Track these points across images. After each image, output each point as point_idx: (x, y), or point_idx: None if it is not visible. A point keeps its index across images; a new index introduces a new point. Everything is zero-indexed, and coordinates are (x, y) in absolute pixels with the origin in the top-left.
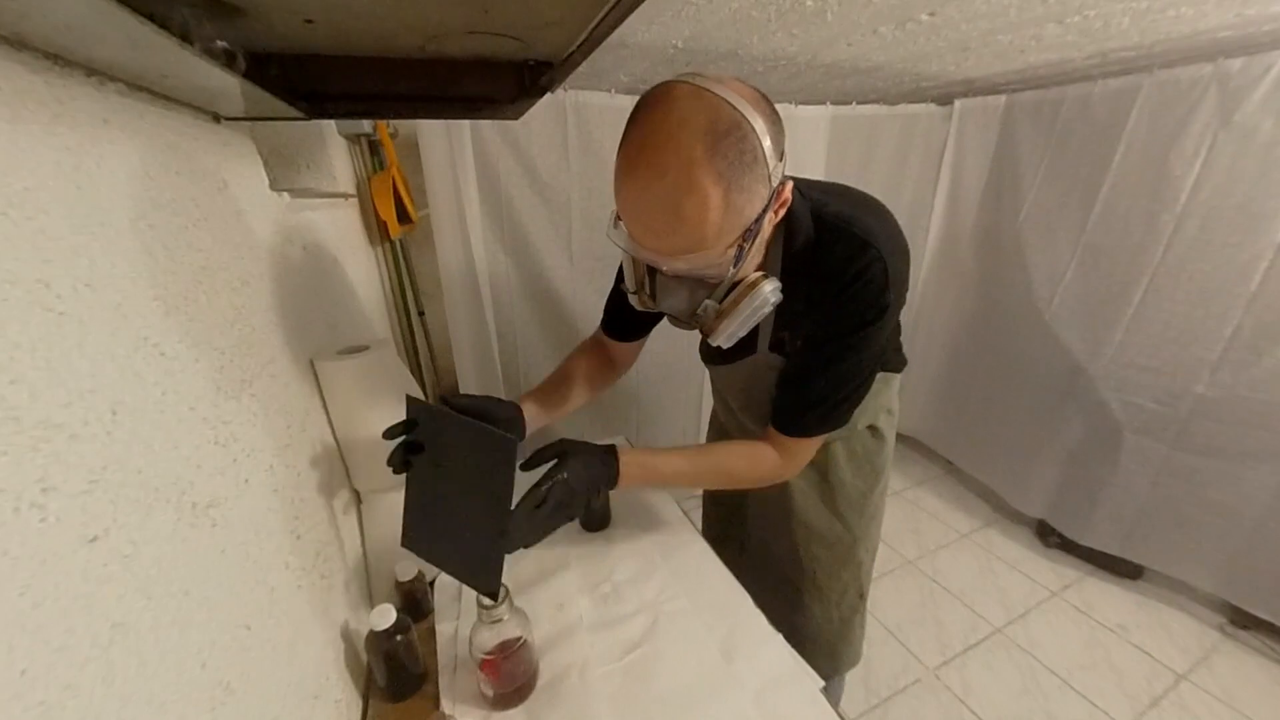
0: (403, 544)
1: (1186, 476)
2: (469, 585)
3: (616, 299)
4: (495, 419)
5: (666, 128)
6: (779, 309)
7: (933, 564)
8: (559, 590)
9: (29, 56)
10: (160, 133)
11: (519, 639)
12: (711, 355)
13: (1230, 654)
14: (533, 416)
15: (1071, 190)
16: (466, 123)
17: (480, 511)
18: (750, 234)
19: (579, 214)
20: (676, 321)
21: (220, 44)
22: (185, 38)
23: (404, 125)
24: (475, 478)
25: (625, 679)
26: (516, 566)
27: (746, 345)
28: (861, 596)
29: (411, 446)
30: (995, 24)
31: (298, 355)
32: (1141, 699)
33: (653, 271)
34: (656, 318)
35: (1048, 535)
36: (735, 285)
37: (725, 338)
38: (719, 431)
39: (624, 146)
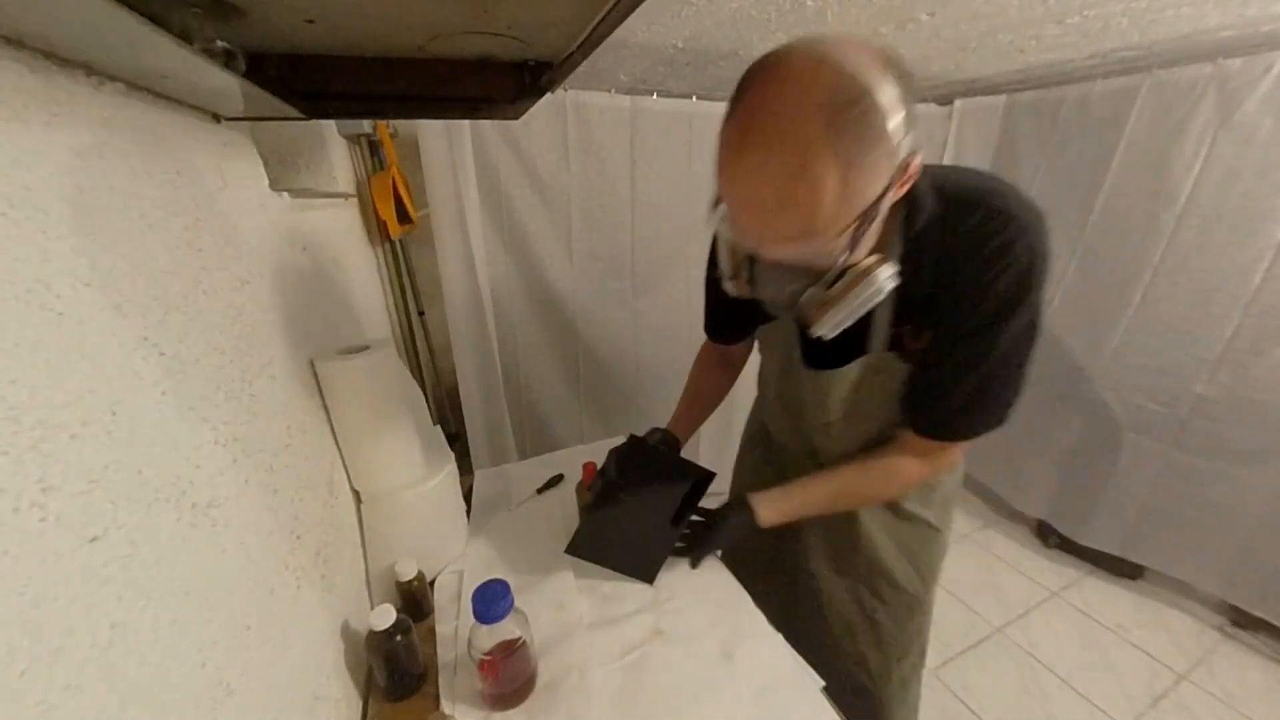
0: (568, 550)
1: (1186, 476)
2: (630, 576)
3: (712, 301)
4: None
5: (780, 101)
6: (898, 301)
7: None
8: (559, 590)
9: (29, 56)
10: (160, 133)
11: (518, 639)
12: (817, 359)
13: (1230, 654)
14: (682, 438)
15: (1071, 190)
16: (466, 123)
17: (657, 524)
18: (868, 218)
19: (579, 214)
20: (776, 310)
21: (220, 44)
22: (185, 38)
23: (404, 125)
24: (662, 498)
25: (625, 679)
26: (516, 567)
27: (857, 345)
28: (922, 654)
29: (610, 482)
30: (995, 24)
31: (298, 355)
32: (1141, 699)
33: (752, 256)
34: (759, 313)
35: (1048, 535)
36: (845, 270)
37: (830, 328)
38: (765, 452)
39: (729, 123)
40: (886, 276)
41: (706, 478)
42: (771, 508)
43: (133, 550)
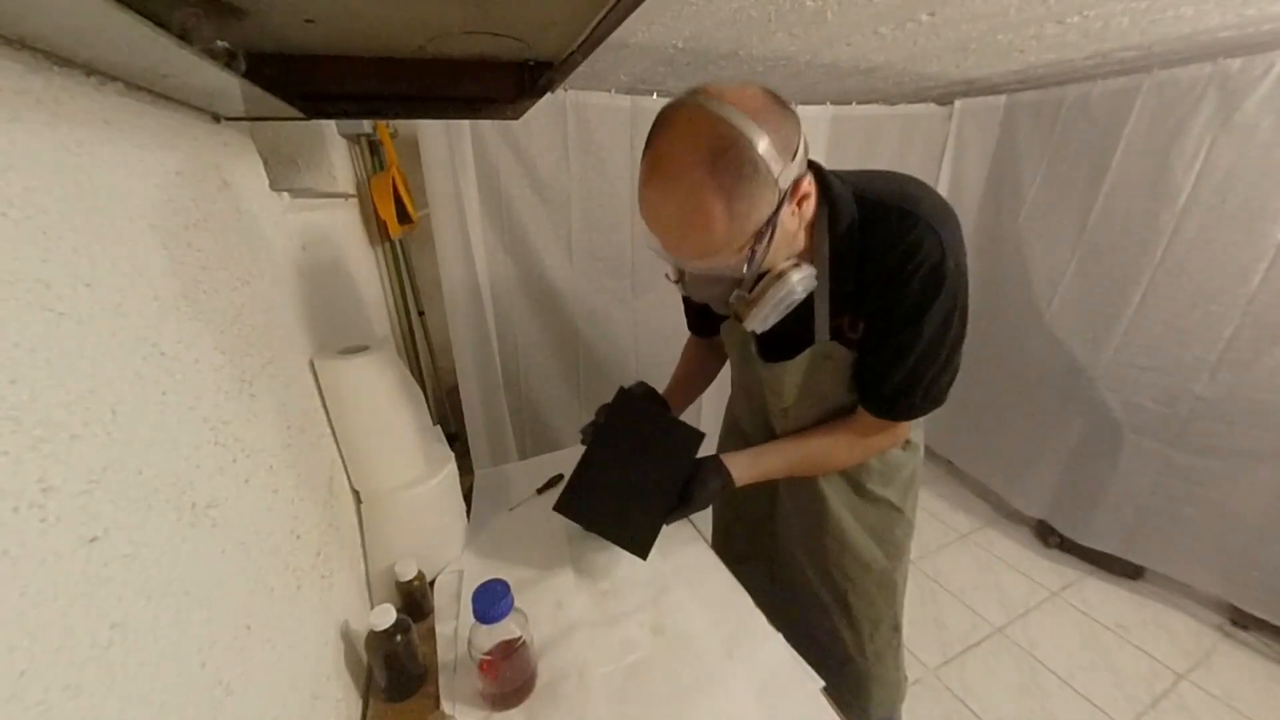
0: (556, 508)
1: (1186, 476)
2: (623, 547)
3: (684, 304)
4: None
5: (671, 150)
6: (833, 294)
7: (933, 564)
8: (558, 589)
9: (29, 56)
10: (160, 133)
11: (518, 639)
12: (770, 354)
13: (1230, 654)
14: (674, 410)
15: (1071, 190)
16: (466, 123)
17: (650, 489)
18: (762, 235)
19: (579, 214)
20: (717, 308)
21: (220, 44)
22: (185, 38)
23: (404, 125)
24: (655, 461)
25: (625, 679)
26: (516, 567)
27: (804, 336)
28: (896, 628)
29: (601, 428)
30: (995, 24)
31: (298, 355)
32: (1141, 699)
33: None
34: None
35: (1048, 535)
36: (764, 275)
37: (759, 323)
38: (740, 440)
39: (641, 163)
40: (798, 279)
41: (697, 438)
42: (744, 468)
43: (133, 550)
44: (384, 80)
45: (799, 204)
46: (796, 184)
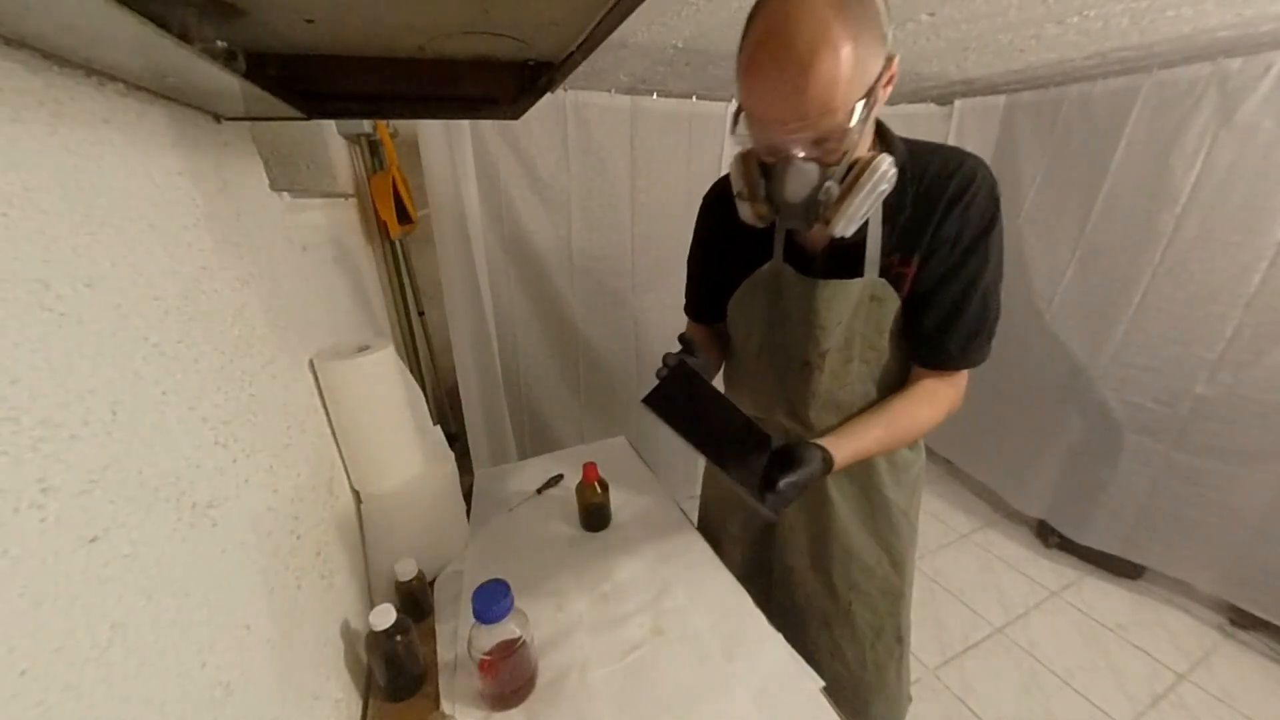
0: (644, 398)
1: (1186, 476)
2: (748, 490)
3: (694, 275)
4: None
5: (793, 3)
6: (885, 232)
7: (933, 564)
8: (558, 590)
9: (29, 56)
10: (160, 133)
11: (518, 639)
12: (813, 268)
13: (1230, 654)
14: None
15: (1071, 190)
16: (466, 123)
17: (750, 453)
18: (870, 101)
19: (579, 214)
20: (792, 220)
21: (220, 44)
22: (185, 38)
23: (404, 125)
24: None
25: (625, 679)
26: (516, 567)
27: (853, 265)
28: (899, 640)
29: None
30: (995, 24)
31: (298, 355)
32: (1141, 699)
33: (765, 170)
34: (740, 270)
35: (1048, 535)
36: (852, 167)
37: (846, 221)
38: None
39: (749, 37)
40: (889, 164)
41: (766, 440)
42: (834, 446)
43: (133, 550)
44: (384, 80)
45: (887, 84)
46: (890, 59)
